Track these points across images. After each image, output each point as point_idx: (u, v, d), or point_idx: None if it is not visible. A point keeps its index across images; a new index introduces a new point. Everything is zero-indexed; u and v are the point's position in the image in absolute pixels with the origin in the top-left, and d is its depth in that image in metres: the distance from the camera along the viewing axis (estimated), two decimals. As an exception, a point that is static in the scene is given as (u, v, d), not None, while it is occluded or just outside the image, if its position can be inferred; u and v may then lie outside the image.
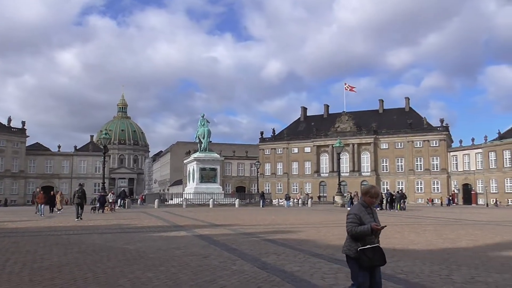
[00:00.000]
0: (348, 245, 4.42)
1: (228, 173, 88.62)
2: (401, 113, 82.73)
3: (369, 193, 4.54)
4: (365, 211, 4.47)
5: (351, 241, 4.40)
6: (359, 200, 4.73)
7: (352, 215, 4.44)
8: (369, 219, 4.42)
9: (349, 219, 4.43)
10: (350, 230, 4.36)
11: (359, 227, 4.33)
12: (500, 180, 65.40)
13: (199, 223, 18.97)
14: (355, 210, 4.49)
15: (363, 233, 4.29)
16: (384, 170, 78.63)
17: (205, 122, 51.14)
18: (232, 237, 12.98)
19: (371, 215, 4.50)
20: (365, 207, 4.52)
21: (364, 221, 4.36)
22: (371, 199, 4.53)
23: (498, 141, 67.04)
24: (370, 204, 4.55)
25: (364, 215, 4.43)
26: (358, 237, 4.33)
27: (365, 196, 4.56)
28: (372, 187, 4.62)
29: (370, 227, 4.29)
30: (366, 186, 4.72)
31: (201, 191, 45.75)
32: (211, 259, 8.55)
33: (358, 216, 4.40)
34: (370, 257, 4.27)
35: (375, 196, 4.54)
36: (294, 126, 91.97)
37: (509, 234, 14.66)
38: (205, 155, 49.38)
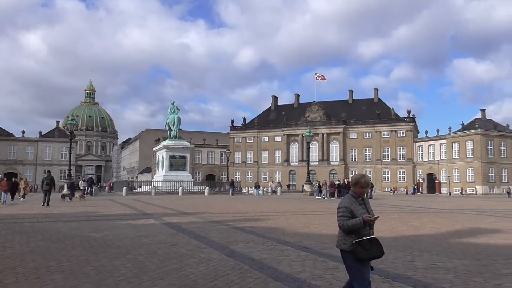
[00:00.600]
0: (342, 239, 4.15)
1: (198, 161, 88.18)
2: (370, 104, 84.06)
3: (359, 183, 4.26)
4: (356, 202, 4.22)
5: (344, 235, 4.13)
6: (350, 191, 4.38)
7: (342, 209, 4.18)
8: (361, 210, 4.17)
9: (340, 213, 4.18)
10: (342, 224, 4.10)
11: (351, 220, 4.06)
12: (462, 170, 67.60)
13: (168, 211, 18.84)
14: (345, 203, 4.23)
15: (356, 226, 4.03)
16: (352, 159, 79.92)
17: (175, 110, 50.60)
18: (200, 225, 12.96)
19: (363, 206, 4.24)
20: (356, 198, 4.26)
21: (356, 213, 4.11)
22: (361, 189, 4.28)
23: (461, 132, 69.15)
24: (361, 194, 4.30)
25: (356, 206, 4.17)
26: (351, 230, 4.07)
27: (355, 187, 4.29)
28: (362, 176, 4.33)
29: (363, 219, 4.04)
30: (356, 176, 4.37)
31: (170, 179, 45.41)
32: (179, 247, 8.51)
33: (349, 209, 4.14)
34: (367, 248, 4.02)
35: (365, 186, 4.28)
36: (265, 115, 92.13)
37: (469, 222, 15.20)
38: (174, 142, 48.94)
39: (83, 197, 30.02)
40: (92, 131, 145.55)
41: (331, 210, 20.97)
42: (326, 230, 11.91)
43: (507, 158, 67.18)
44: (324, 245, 8.86)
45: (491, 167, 65.99)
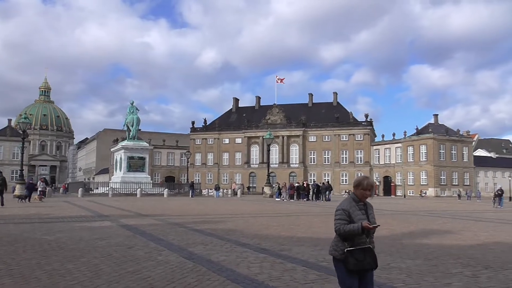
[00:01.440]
0: (335, 245, 3.82)
1: (158, 162, 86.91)
2: (329, 108, 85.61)
3: (361, 185, 3.88)
4: (356, 207, 3.84)
5: (338, 240, 3.80)
6: (351, 194, 4.00)
7: (340, 211, 3.82)
8: (360, 215, 3.80)
9: (337, 216, 3.82)
10: (338, 228, 3.75)
11: (348, 225, 3.71)
12: (416, 173, 69.97)
13: (125, 213, 18.45)
14: (344, 205, 3.86)
15: (352, 232, 3.69)
16: (311, 162, 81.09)
17: (134, 110, 49.72)
18: (159, 227, 12.76)
19: (363, 212, 3.86)
20: (356, 201, 3.88)
21: (353, 218, 3.75)
22: (363, 192, 3.88)
23: (416, 137, 71.61)
24: (363, 198, 3.90)
25: (354, 211, 3.81)
26: (346, 236, 3.72)
27: (357, 189, 3.91)
28: (364, 178, 3.94)
29: (361, 225, 3.69)
30: (358, 177, 3.97)
31: (128, 180, 44.53)
32: (136, 249, 8.35)
33: (347, 212, 3.78)
34: (359, 259, 3.67)
35: (368, 188, 3.88)
36: (226, 117, 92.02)
37: (422, 223, 15.73)
38: (133, 143, 48.06)
39: (42, 199, 28.91)
40: (47, 130, 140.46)
41: (290, 212, 21.19)
42: (284, 232, 12.01)
43: (458, 161, 70.15)
44: (283, 247, 8.93)
45: (443, 171, 68.67)
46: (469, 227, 14.75)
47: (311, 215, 19.62)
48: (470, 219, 18.77)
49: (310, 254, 8.11)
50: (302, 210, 23.58)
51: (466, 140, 74.72)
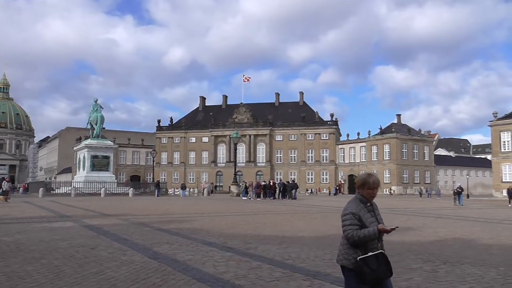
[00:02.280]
0: (345, 253, 3.43)
1: (123, 161, 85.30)
2: (295, 107, 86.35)
3: (367, 184, 3.51)
4: (365, 209, 3.49)
5: (348, 248, 3.42)
6: (356, 194, 3.61)
7: (349, 216, 3.43)
8: (370, 218, 3.48)
9: (347, 221, 3.42)
10: (351, 235, 3.35)
11: (362, 230, 3.35)
12: (380, 171, 71.51)
13: (89, 213, 18.04)
14: (352, 208, 3.47)
15: (369, 238, 3.33)
16: (278, 161, 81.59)
17: (98, 108, 48.70)
18: (123, 227, 12.56)
19: (372, 213, 3.53)
20: (364, 203, 3.52)
21: (364, 222, 3.40)
22: (370, 192, 3.52)
23: (379, 136, 73.22)
24: (370, 198, 3.54)
25: (364, 213, 3.45)
26: (359, 244, 3.36)
27: (363, 189, 3.53)
28: (369, 176, 3.58)
29: (377, 229, 3.36)
30: (362, 175, 3.62)
31: (92, 179, 43.57)
32: (99, 250, 8.19)
33: (357, 215, 3.41)
34: (373, 268, 3.31)
35: (375, 187, 3.52)
36: (193, 116, 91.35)
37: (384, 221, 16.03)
38: (97, 142, 47.06)
39: (8, 199, 27.77)
40: (6, 128, 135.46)
41: (256, 211, 21.27)
42: (251, 230, 12.05)
43: (419, 160, 72.21)
44: (249, 245, 8.96)
45: (405, 169, 70.51)
46: (429, 224, 15.22)
47: (277, 213, 19.77)
48: (431, 216, 19.37)
49: (275, 252, 8.17)
50: (269, 208, 23.71)
51: (427, 140, 77.00)
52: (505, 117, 55.79)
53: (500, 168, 54.87)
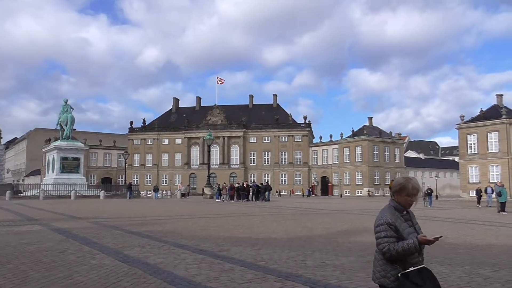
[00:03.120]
0: (382, 271, 2.97)
1: (94, 163, 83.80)
2: (269, 109, 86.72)
3: (406, 190, 3.02)
4: (401, 218, 3.03)
5: (385, 264, 2.96)
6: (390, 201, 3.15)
7: (384, 226, 2.96)
8: (408, 228, 3.00)
9: (382, 233, 2.96)
10: (388, 249, 2.89)
11: (400, 244, 2.88)
12: (352, 173, 72.57)
13: (57, 216, 17.64)
14: (387, 218, 3.00)
15: (408, 251, 2.87)
16: (252, 163, 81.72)
17: (68, 108, 47.77)
18: (93, 230, 12.32)
19: (409, 222, 3.06)
20: (399, 211, 3.05)
21: (402, 233, 2.95)
22: (409, 199, 3.03)
23: (351, 138, 74.27)
24: (407, 205, 3.06)
25: (401, 223, 2.99)
26: (398, 258, 2.91)
27: (400, 195, 3.06)
28: (407, 180, 3.07)
29: (418, 241, 2.89)
30: (399, 179, 3.12)
31: (61, 182, 42.65)
32: (68, 254, 8.01)
33: (393, 226, 2.95)
34: (418, 284, 2.84)
35: (414, 193, 3.03)
36: (166, 117, 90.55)
37: (356, 222, 16.35)
38: (67, 143, 46.13)
39: None
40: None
41: (230, 213, 21.23)
42: (224, 232, 12.02)
43: (390, 162, 73.60)
44: (221, 248, 8.93)
45: (377, 171, 71.72)
46: (400, 224, 15.50)
47: (251, 215, 19.78)
48: (401, 217, 19.72)
49: (248, 254, 8.17)
50: (242, 210, 23.71)
51: (398, 142, 78.60)
52: (471, 120, 57.50)
53: (467, 169, 56.47)
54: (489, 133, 54.23)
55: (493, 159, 53.34)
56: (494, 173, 52.92)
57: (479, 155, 55.05)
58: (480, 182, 51.01)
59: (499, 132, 53.12)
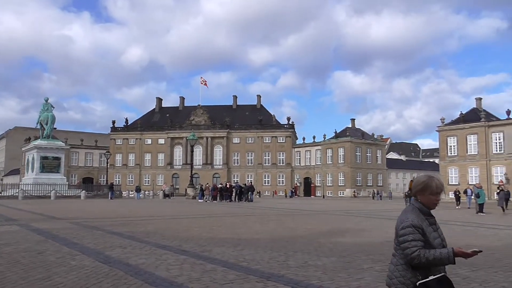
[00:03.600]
0: (401, 276, 2.71)
1: (75, 163, 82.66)
2: (253, 110, 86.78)
3: (429, 188, 2.77)
4: (426, 221, 2.75)
5: (405, 269, 2.70)
6: (413, 202, 2.87)
7: (410, 229, 2.67)
8: (433, 233, 2.74)
9: (408, 236, 2.67)
10: (417, 255, 2.60)
11: (432, 252, 2.61)
12: (334, 174, 73.04)
13: (37, 217, 17.35)
14: (413, 220, 2.71)
15: (439, 262, 2.63)
16: (235, 163, 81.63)
17: (49, 107, 47.05)
18: (73, 230, 12.15)
19: (434, 227, 2.79)
20: (425, 213, 2.78)
21: (429, 238, 2.69)
22: (433, 198, 2.79)
23: (334, 140, 74.78)
24: (432, 206, 2.81)
25: (427, 227, 2.72)
26: (425, 266, 2.65)
27: (423, 195, 2.80)
28: (430, 178, 2.80)
29: (453, 251, 2.61)
30: (421, 178, 2.86)
31: (41, 182, 41.96)
32: (47, 255, 7.89)
33: (420, 229, 2.68)
34: None
35: (438, 191, 2.79)
36: (149, 117, 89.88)
37: (338, 222, 16.47)
38: (47, 142, 45.40)
39: None
40: None
41: (212, 214, 21.17)
42: (206, 233, 11.98)
43: (372, 163, 74.35)
44: (204, 248, 8.90)
45: (359, 172, 72.34)
46: (381, 225, 15.69)
47: (234, 216, 19.76)
48: (382, 217, 19.96)
49: (230, 254, 8.16)
50: (225, 211, 23.66)
51: (380, 144, 79.43)
52: (451, 123, 58.45)
53: (447, 171, 57.35)
54: (468, 136, 55.18)
55: (472, 161, 54.29)
56: (473, 175, 53.85)
57: (458, 157, 55.98)
58: (459, 183, 51.90)
59: (478, 135, 54.09)
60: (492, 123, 53.76)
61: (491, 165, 52.69)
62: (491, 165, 52.69)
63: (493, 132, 52.97)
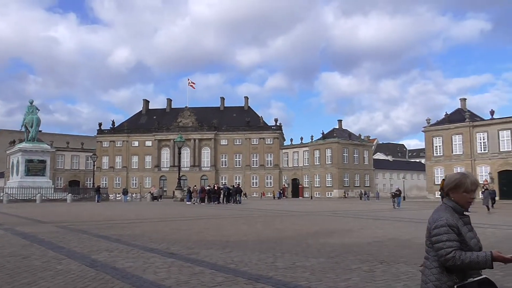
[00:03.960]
0: (436, 280, 2.53)
1: (61, 166, 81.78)
2: (240, 112, 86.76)
3: (463, 186, 2.63)
4: (461, 220, 2.61)
5: (440, 273, 2.52)
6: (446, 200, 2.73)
7: (445, 228, 2.52)
8: (469, 233, 2.58)
9: (443, 236, 2.51)
10: (453, 257, 2.44)
11: (468, 254, 2.45)
12: (322, 175, 73.34)
13: (22, 221, 17.11)
14: (448, 218, 2.56)
15: (476, 266, 2.46)
16: (223, 165, 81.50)
17: (34, 109, 46.49)
18: (59, 234, 12.01)
19: (469, 226, 2.63)
20: (459, 212, 2.64)
21: (465, 238, 2.53)
22: (467, 196, 2.64)
23: (322, 141, 75.12)
24: (467, 205, 2.66)
25: (462, 226, 2.57)
26: (462, 269, 2.48)
27: (457, 192, 2.65)
28: (464, 176, 2.67)
29: (491, 255, 2.44)
30: (454, 175, 2.72)
31: (26, 185, 41.40)
32: (33, 259, 7.78)
33: (456, 228, 2.53)
34: None
35: (473, 189, 2.64)
36: (136, 119, 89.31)
37: (326, 223, 16.54)
38: (32, 145, 44.84)
39: None
40: None
41: (200, 216, 21.10)
42: (194, 235, 11.94)
43: (359, 164, 74.83)
44: (191, 251, 8.87)
45: (346, 173, 72.74)
46: (368, 225, 15.79)
47: (222, 218, 19.72)
48: (370, 218, 20.09)
49: (218, 257, 8.14)
50: (213, 213, 23.61)
51: (367, 145, 79.99)
52: (437, 123, 59.14)
53: (433, 171, 58.00)
54: (453, 136, 55.87)
55: (457, 161, 54.95)
56: (459, 174, 54.50)
57: (444, 157, 56.63)
58: (446, 183, 52.46)
59: (462, 135, 54.80)
60: (476, 123, 54.55)
61: (476, 165, 53.41)
62: (475, 164, 53.41)
63: (478, 132, 53.73)
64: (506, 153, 50.54)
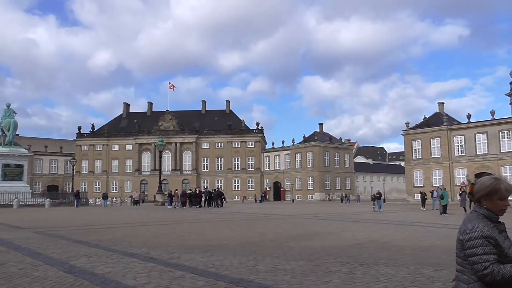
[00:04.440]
0: None
1: (39, 170, 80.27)
2: (222, 115, 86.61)
3: (498, 193, 2.39)
4: (496, 229, 2.38)
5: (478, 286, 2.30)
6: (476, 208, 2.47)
7: (481, 241, 2.29)
8: (506, 241, 2.36)
9: (479, 249, 2.28)
10: (491, 272, 2.23)
11: (508, 267, 2.24)
12: (304, 178, 73.66)
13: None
14: (483, 229, 2.32)
15: None
16: (204, 169, 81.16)
17: (11, 113, 45.63)
18: (37, 240, 11.79)
19: (504, 234, 2.40)
20: (493, 220, 2.41)
21: (504, 249, 2.30)
22: (502, 203, 2.42)
23: (303, 144, 75.47)
24: (500, 212, 2.44)
25: (498, 236, 2.35)
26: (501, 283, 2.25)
27: (490, 200, 2.42)
28: (498, 180, 2.42)
29: None
30: (486, 180, 2.45)
31: (3, 190, 40.48)
32: (9, 266, 7.63)
33: (493, 239, 2.30)
34: None
35: (508, 195, 2.42)
36: (116, 123, 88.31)
37: (307, 226, 16.61)
38: (9, 149, 43.94)
39: None
40: None
41: (181, 220, 20.98)
42: (175, 240, 11.86)
43: (340, 167, 75.41)
44: (172, 255, 8.81)
45: (327, 176, 73.21)
46: (349, 228, 15.92)
47: (203, 222, 19.64)
48: (351, 220, 20.27)
49: (199, 261, 8.11)
50: (194, 217, 23.48)
51: (347, 148, 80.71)
52: (415, 127, 60.04)
53: (412, 174, 58.85)
54: (431, 139, 56.80)
55: (436, 164, 55.88)
56: (437, 177, 55.41)
57: (423, 160, 57.51)
58: (424, 186, 53.34)
59: (440, 138, 55.77)
60: (454, 127, 55.60)
61: (454, 167, 54.40)
62: (453, 167, 54.38)
63: (455, 136, 54.76)
64: (483, 156, 51.61)
